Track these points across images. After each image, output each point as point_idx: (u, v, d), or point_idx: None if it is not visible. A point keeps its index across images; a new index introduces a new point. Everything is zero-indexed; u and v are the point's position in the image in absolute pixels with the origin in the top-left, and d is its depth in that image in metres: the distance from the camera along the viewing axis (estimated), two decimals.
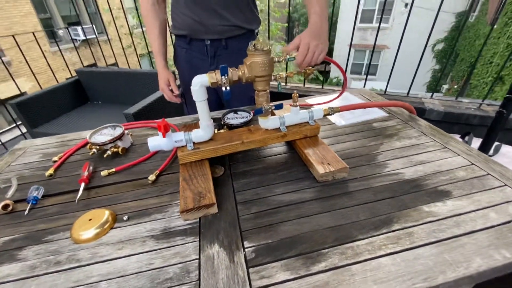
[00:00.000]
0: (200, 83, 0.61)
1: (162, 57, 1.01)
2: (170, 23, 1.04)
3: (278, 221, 0.54)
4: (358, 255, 0.46)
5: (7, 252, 0.52)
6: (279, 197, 0.60)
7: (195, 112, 1.00)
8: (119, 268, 0.47)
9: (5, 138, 2.41)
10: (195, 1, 0.90)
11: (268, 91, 0.67)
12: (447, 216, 0.51)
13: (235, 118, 0.88)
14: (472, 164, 0.65)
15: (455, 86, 8.33)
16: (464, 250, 0.45)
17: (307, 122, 0.74)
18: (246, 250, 0.49)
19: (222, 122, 0.85)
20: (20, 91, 2.24)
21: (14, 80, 2.17)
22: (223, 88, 0.62)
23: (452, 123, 1.57)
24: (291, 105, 0.72)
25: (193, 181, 0.62)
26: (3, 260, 0.50)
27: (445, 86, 9.39)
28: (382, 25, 11.01)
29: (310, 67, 0.69)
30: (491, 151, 1.35)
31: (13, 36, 2.03)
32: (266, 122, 0.71)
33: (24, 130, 2.14)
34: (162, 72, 1.01)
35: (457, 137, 1.53)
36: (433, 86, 9.33)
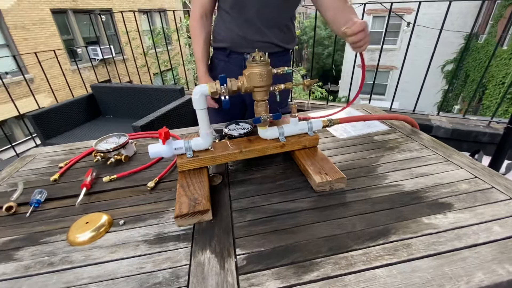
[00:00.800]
0: (200, 92, 0.64)
1: (204, 64, 1.06)
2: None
3: (272, 230, 0.53)
4: (352, 265, 0.44)
5: (4, 252, 0.53)
6: (275, 206, 0.60)
7: (215, 122, 1.04)
8: (110, 271, 0.47)
9: (20, 149, 2.50)
10: (246, 19, 0.95)
11: (266, 101, 0.69)
12: (448, 228, 0.49)
13: (236, 129, 0.89)
14: (476, 177, 0.63)
15: (467, 107, 8.23)
16: (465, 264, 0.43)
17: (306, 133, 0.75)
18: (238, 257, 0.48)
19: (223, 133, 0.87)
20: (38, 106, 2.36)
21: (34, 96, 2.30)
22: (222, 97, 0.63)
23: (460, 141, 1.53)
24: (290, 116, 0.73)
25: (190, 187, 0.63)
26: (0, 259, 0.51)
27: (457, 107, 9.28)
28: (390, 46, 11.23)
29: (307, 80, 0.71)
30: (503, 169, 1.31)
31: (35, 53, 2.17)
32: (265, 132, 0.72)
33: (38, 142, 2.22)
34: (203, 77, 1.06)
35: (466, 155, 1.49)
36: (444, 106, 9.23)
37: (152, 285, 0.44)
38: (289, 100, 2.17)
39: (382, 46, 1.94)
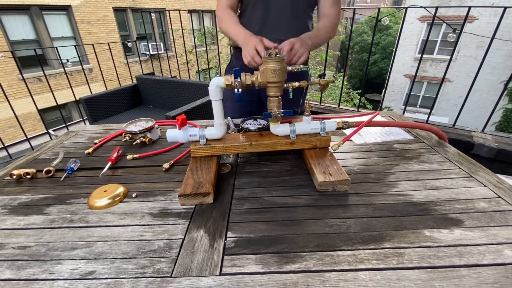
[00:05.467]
0: (216, 84, 0.67)
1: (244, 29, 0.95)
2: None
3: (266, 220, 0.55)
4: (336, 264, 0.44)
5: (38, 206, 0.62)
6: (274, 199, 0.61)
7: (233, 117, 1.06)
8: (116, 234, 0.53)
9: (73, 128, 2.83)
10: (265, 20, 1.00)
11: (280, 97, 0.70)
12: (450, 244, 0.46)
13: (253, 124, 0.92)
14: (499, 197, 0.57)
15: None
16: (460, 282, 0.40)
17: (319, 133, 0.74)
18: (228, 239, 0.50)
19: (240, 127, 0.90)
20: (91, 92, 2.65)
21: (88, 83, 2.60)
22: (235, 90, 0.67)
23: (507, 163, 1.37)
24: (304, 115, 0.74)
25: (197, 172, 0.67)
26: (33, 212, 0.60)
27: None
28: (444, 57, 10.30)
29: (323, 79, 0.71)
30: None
31: (92, 45, 2.45)
32: (276, 128, 0.73)
33: (87, 124, 2.50)
34: (251, 36, 0.88)
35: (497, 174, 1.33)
36: (503, 127, 8.19)
37: (148, 251, 0.48)
38: (319, 103, 2.13)
39: (421, 54, 1.80)
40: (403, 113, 2.13)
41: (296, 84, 0.70)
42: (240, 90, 0.66)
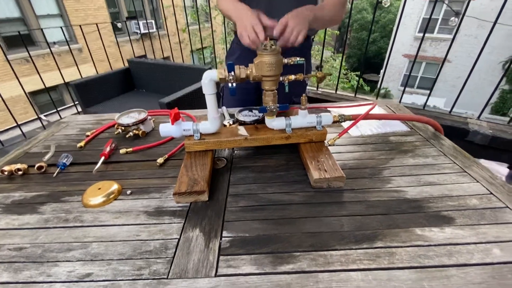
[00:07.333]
0: (210, 77, 0.65)
1: (242, 3, 0.88)
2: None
3: (261, 218, 0.55)
4: (329, 264, 0.45)
5: (31, 205, 0.62)
6: (269, 195, 0.61)
7: (230, 106, 1.05)
8: (111, 234, 0.53)
9: (65, 114, 2.77)
10: (264, 3, 0.92)
11: (275, 91, 0.68)
12: (441, 243, 0.47)
13: (248, 115, 0.90)
14: (491, 193, 0.58)
15: None
16: (448, 282, 0.41)
17: (315, 126, 0.74)
18: (223, 239, 0.51)
19: (236, 118, 0.88)
20: (80, 75, 2.56)
21: (77, 65, 2.50)
22: (230, 84, 0.64)
23: (500, 150, 1.38)
24: (300, 108, 0.72)
25: (192, 168, 0.66)
26: (27, 211, 0.60)
27: None
28: (445, 36, 10.08)
29: (320, 72, 0.68)
30: None
31: (80, 26, 2.33)
32: (272, 122, 0.72)
33: (79, 109, 2.44)
34: (248, 11, 0.82)
35: (504, 166, 1.35)
36: (499, 108, 8.23)
37: (144, 252, 0.49)
38: (316, 89, 2.10)
39: (423, 35, 1.76)
40: (401, 96, 2.11)
41: (292, 77, 0.68)
42: (234, 84, 0.64)
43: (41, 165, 0.74)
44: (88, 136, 0.91)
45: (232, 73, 0.63)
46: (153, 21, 7.99)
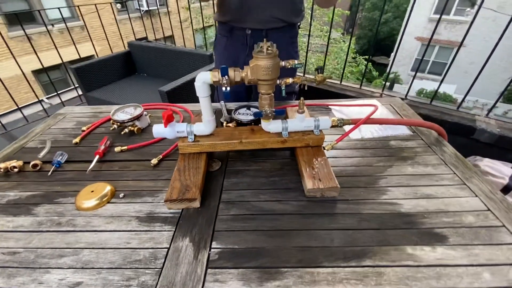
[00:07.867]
0: (203, 80, 0.62)
1: None
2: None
3: (251, 229, 0.55)
4: (315, 282, 0.45)
5: (26, 205, 0.63)
6: (261, 203, 0.61)
7: (223, 99, 1.03)
8: (103, 241, 0.54)
9: (66, 97, 2.77)
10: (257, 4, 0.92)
11: (272, 95, 0.66)
12: (431, 264, 0.47)
13: (245, 114, 0.88)
14: (488, 210, 0.56)
15: None
16: None
17: (312, 130, 0.71)
18: (212, 250, 0.51)
19: (231, 117, 0.86)
20: (79, 55, 2.51)
21: (74, 45, 2.44)
22: (223, 88, 0.62)
23: (506, 150, 1.34)
24: (297, 111, 0.70)
25: (185, 172, 0.66)
26: (21, 212, 0.61)
27: None
28: (460, 18, 9.56)
29: (320, 75, 0.65)
30: None
31: (78, 7, 2.26)
32: (268, 125, 0.70)
33: (80, 92, 2.42)
34: None
35: (508, 166, 1.32)
36: (511, 96, 7.96)
37: (133, 261, 0.50)
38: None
39: (440, 16, 1.65)
40: (410, 84, 2.03)
41: (290, 80, 0.65)
42: (228, 88, 0.62)
43: (36, 163, 0.74)
44: (84, 131, 0.90)
45: (226, 76, 0.60)
46: None
